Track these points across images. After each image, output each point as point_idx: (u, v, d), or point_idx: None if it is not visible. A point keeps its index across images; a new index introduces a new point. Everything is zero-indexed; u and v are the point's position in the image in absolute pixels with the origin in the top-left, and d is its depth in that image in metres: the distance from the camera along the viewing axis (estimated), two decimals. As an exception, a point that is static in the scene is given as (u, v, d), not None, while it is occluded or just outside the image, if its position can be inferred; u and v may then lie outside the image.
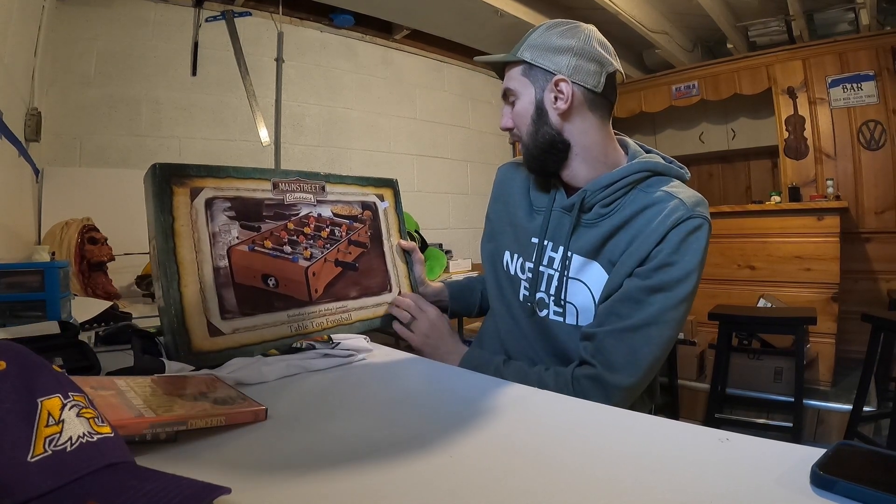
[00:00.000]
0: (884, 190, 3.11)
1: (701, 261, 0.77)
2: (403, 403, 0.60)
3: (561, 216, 0.86)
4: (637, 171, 0.81)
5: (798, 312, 2.36)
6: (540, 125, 0.83)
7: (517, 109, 0.85)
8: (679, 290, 0.75)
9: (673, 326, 0.76)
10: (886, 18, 3.20)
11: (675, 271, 0.75)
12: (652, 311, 0.74)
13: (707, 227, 0.78)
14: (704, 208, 0.79)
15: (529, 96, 0.83)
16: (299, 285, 0.81)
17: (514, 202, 0.95)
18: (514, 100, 0.85)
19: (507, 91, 0.86)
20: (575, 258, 0.83)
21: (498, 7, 2.81)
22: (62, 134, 2.19)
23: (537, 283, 0.87)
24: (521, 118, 0.84)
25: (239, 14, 2.62)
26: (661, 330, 0.75)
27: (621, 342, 0.74)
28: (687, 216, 0.76)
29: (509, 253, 0.94)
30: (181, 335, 0.68)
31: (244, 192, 0.78)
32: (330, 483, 0.40)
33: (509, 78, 0.85)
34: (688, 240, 0.75)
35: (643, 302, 0.75)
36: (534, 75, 0.82)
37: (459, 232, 3.59)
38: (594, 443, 0.48)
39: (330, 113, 3.08)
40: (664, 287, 0.75)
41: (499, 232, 0.97)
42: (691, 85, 3.82)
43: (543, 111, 0.82)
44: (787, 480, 0.38)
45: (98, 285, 1.58)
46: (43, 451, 0.29)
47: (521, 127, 0.85)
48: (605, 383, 0.74)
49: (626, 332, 0.74)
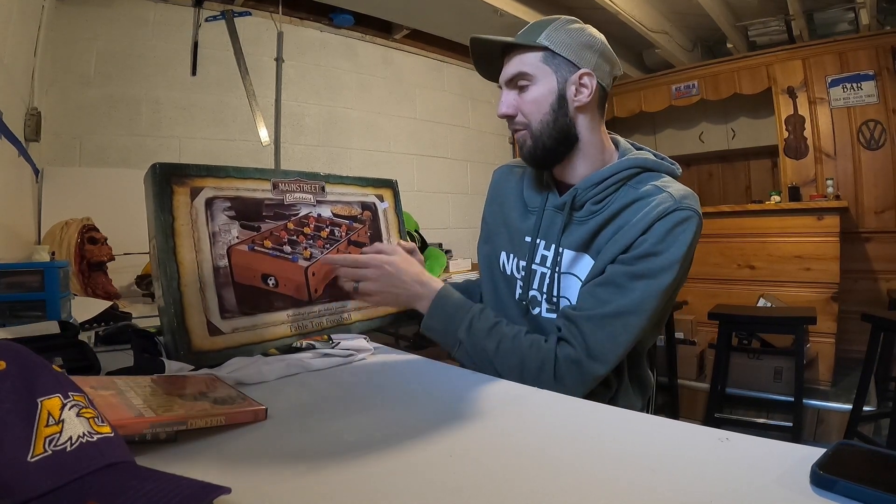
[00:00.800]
0: (884, 190, 3.11)
1: (686, 253, 0.76)
2: (403, 403, 0.60)
3: (553, 215, 0.87)
4: (627, 168, 0.82)
5: (798, 312, 2.36)
6: (559, 115, 0.82)
7: (533, 96, 0.82)
8: (662, 278, 0.75)
9: (650, 316, 0.76)
10: (886, 18, 3.20)
11: (659, 260, 0.75)
12: (633, 299, 0.74)
13: (696, 219, 0.77)
14: (694, 201, 0.79)
15: (550, 84, 0.81)
16: (299, 285, 0.81)
17: (508, 204, 0.96)
18: (528, 85, 0.82)
19: (518, 75, 0.82)
20: (566, 253, 0.84)
21: (498, 7, 2.81)
22: (62, 134, 2.19)
23: (530, 281, 0.88)
24: (538, 105, 0.82)
25: (239, 14, 2.62)
26: (640, 318, 0.75)
27: (601, 329, 0.74)
28: (674, 208, 0.76)
29: (505, 253, 0.94)
30: (181, 335, 0.68)
31: (244, 191, 0.78)
32: (330, 483, 0.40)
33: (523, 62, 0.82)
34: (674, 231, 0.75)
35: (625, 288, 0.75)
36: (556, 64, 0.81)
37: (459, 232, 3.59)
38: (594, 442, 0.48)
39: (330, 113, 3.08)
40: (647, 274, 0.75)
41: (494, 233, 0.98)
42: (691, 85, 3.82)
43: (564, 101, 0.81)
44: (787, 480, 0.38)
45: (98, 285, 1.58)
46: (43, 450, 0.29)
47: (534, 114, 0.82)
48: (584, 370, 0.74)
49: (607, 319, 0.74)
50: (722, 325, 2.35)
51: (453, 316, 0.81)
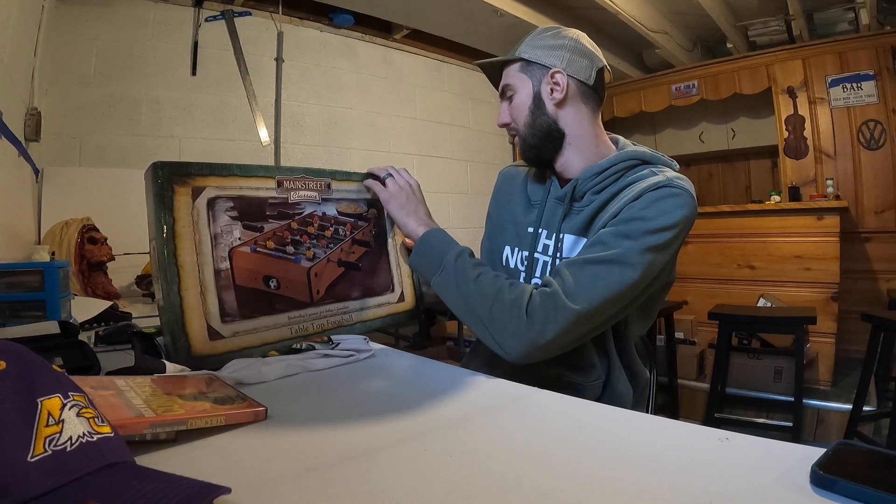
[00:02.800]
0: (884, 190, 3.11)
1: (676, 223, 0.76)
2: (403, 403, 0.60)
3: (555, 206, 0.90)
4: (626, 160, 0.86)
5: (798, 312, 2.37)
6: (538, 115, 0.88)
7: (515, 103, 0.90)
8: (647, 239, 0.75)
9: (638, 271, 0.74)
10: (886, 18, 3.20)
11: (644, 224, 0.76)
12: (617, 252, 0.74)
13: (686, 197, 0.78)
14: (687, 183, 0.81)
15: (527, 90, 0.89)
16: (301, 286, 0.80)
17: (514, 200, 0.99)
18: (512, 94, 0.90)
19: (505, 88, 0.92)
20: (566, 238, 0.86)
21: (498, 7, 2.81)
22: (62, 134, 2.19)
23: (533, 270, 0.89)
24: (520, 110, 0.89)
25: (239, 14, 2.62)
26: (623, 270, 0.74)
27: (582, 270, 0.74)
28: (665, 184, 0.78)
29: (509, 248, 0.96)
30: (180, 339, 0.67)
31: (247, 190, 0.77)
32: (330, 483, 0.40)
33: (507, 76, 0.91)
34: (663, 201, 0.77)
35: (609, 244, 0.76)
36: (531, 71, 0.88)
37: (459, 232, 3.55)
38: (594, 442, 0.48)
39: (330, 113, 3.08)
40: (631, 235, 0.75)
41: (499, 229, 1.00)
42: (691, 85, 3.82)
43: (541, 101, 0.88)
44: (787, 480, 0.38)
45: (98, 285, 1.58)
46: (43, 450, 0.29)
47: (519, 119, 0.90)
48: (557, 303, 0.72)
49: (588, 264, 0.75)
50: (722, 325, 2.35)
51: (448, 243, 0.85)
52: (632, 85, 4.09)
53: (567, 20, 3.13)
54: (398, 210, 0.89)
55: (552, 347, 0.73)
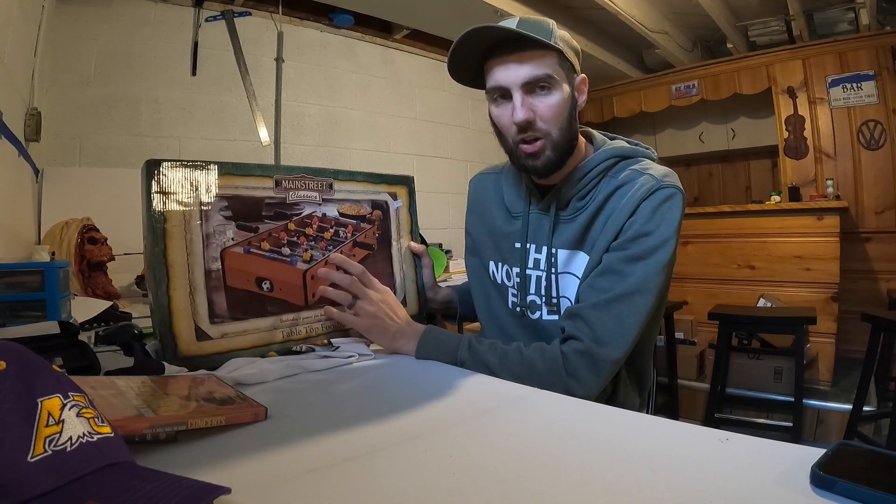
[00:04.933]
0: (884, 190, 3.11)
1: (677, 228, 0.76)
2: (403, 403, 0.60)
3: (539, 218, 0.86)
4: (605, 160, 0.82)
5: (798, 312, 2.37)
6: (572, 122, 0.80)
7: (556, 101, 0.76)
8: (657, 256, 0.75)
9: (656, 293, 0.75)
10: (886, 18, 3.20)
11: (651, 240, 0.75)
12: (634, 280, 0.74)
13: (679, 195, 0.78)
14: (674, 178, 0.79)
15: (567, 90, 0.78)
16: (295, 289, 0.79)
17: (489, 211, 0.95)
18: (549, 89, 0.76)
19: (544, 78, 0.75)
20: (560, 252, 0.83)
21: (498, 7, 2.81)
22: (62, 134, 2.19)
23: (526, 287, 0.87)
24: (557, 111, 0.77)
25: (239, 14, 2.62)
26: (645, 297, 0.74)
27: (606, 313, 0.73)
28: (657, 187, 0.76)
29: (493, 263, 0.94)
30: (168, 339, 0.67)
31: (243, 190, 0.75)
32: (330, 483, 0.40)
33: (544, 64, 0.75)
34: (661, 208, 0.76)
35: (623, 272, 0.74)
36: (567, 69, 0.78)
37: (459, 232, 3.54)
38: (594, 442, 0.48)
39: (330, 113, 3.08)
40: (642, 256, 0.75)
41: (480, 244, 0.97)
42: (691, 85, 3.82)
43: (575, 108, 0.80)
44: (787, 480, 0.38)
45: (98, 285, 1.58)
46: (43, 451, 0.29)
47: (554, 121, 0.77)
48: (594, 357, 0.72)
49: (611, 303, 0.73)
50: (722, 325, 2.35)
51: (448, 341, 0.78)
52: (632, 85, 4.09)
53: (567, 20, 3.13)
54: (382, 338, 0.80)
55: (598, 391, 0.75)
